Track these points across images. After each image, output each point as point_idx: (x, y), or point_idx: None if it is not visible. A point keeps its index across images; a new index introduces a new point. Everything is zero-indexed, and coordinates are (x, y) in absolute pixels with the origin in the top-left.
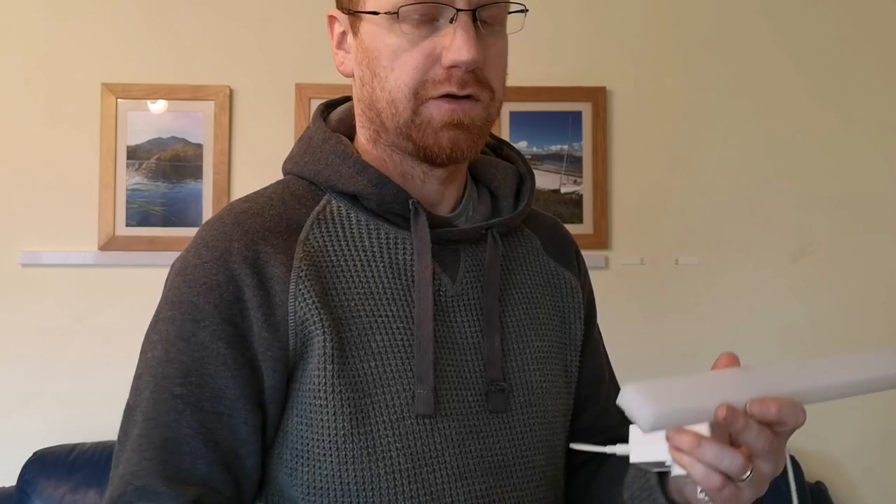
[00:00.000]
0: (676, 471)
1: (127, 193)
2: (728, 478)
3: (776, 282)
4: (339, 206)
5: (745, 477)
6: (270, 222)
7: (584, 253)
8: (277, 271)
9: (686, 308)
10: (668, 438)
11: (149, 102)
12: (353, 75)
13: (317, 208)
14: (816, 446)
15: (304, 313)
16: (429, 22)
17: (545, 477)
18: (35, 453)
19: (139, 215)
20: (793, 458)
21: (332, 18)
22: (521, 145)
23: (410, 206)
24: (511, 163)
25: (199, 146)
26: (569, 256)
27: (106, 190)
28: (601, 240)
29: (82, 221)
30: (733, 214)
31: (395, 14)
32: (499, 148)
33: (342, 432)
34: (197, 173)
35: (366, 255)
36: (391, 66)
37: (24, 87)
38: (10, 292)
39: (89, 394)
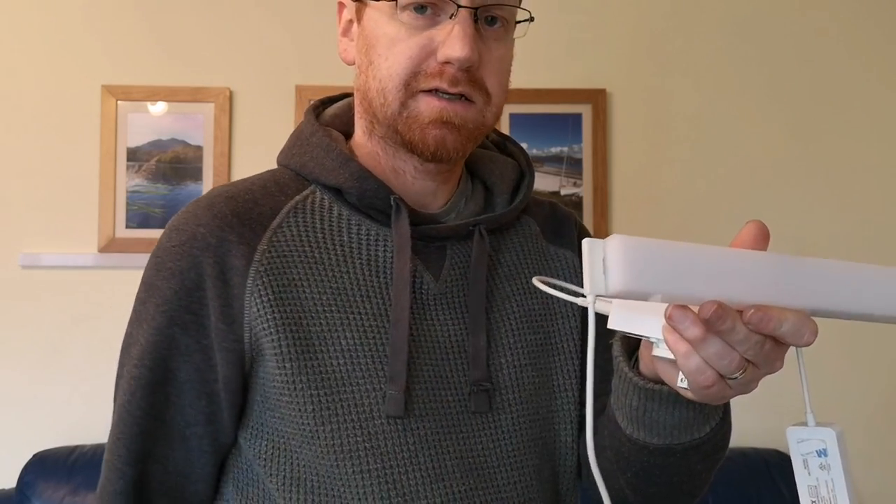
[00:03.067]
0: (661, 352)
1: (127, 195)
2: (719, 375)
3: None
4: (322, 198)
5: (736, 376)
6: (242, 207)
7: None
8: (238, 263)
9: None
10: (667, 318)
11: (149, 104)
12: (354, 63)
13: (297, 197)
14: None
15: (258, 310)
16: (430, 15)
17: (538, 477)
18: (35, 455)
19: (139, 217)
20: (787, 456)
21: (341, 5)
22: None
23: (392, 202)
24: (514, 159)
25: (199, 148)
26: (569, 236)
27: (106, 192)
28: None
29: (82, 223)
30: (733, 216)
31: (394, 1)
32: (502, 144)
33: (308, 428)
34: (197, 175)
35: (343, 250)
36: (386, 54)
37: (25, 88)
38: (10, 294)
39: (89, 396)
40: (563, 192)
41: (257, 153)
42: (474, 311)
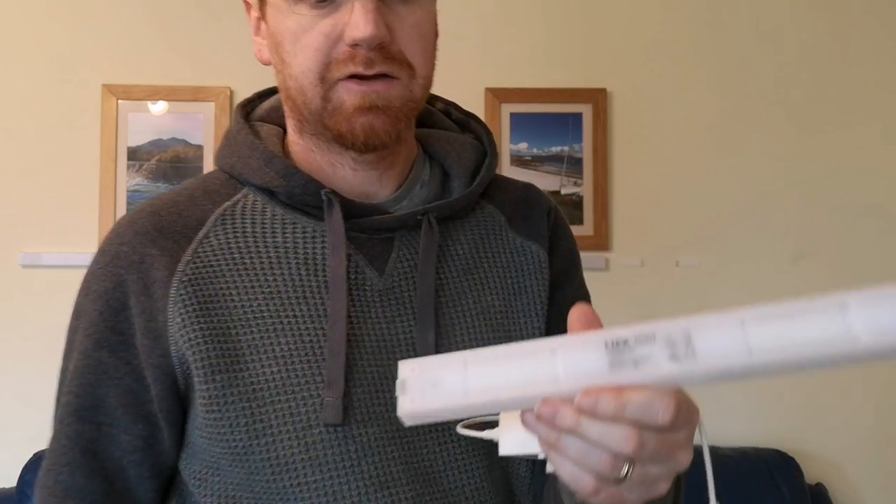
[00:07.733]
0: (550, 467)
1: (127, 195)
2: (601, 478)
3: (777, 283)
4: (255, 201)
5: (621, 477)
6: (165, 221)
7: (583, 255)
8: (160, 275)
9: (686, 310)
10: (524, 423)
11: (149, 104)
12: (270, 63)
13: (226, 203)
14: (817, 448)
15: (182, 321)
16: (328, 1)
17: (490, 479)
18: (35, 455)
19: None
20: (787, 456)
21: (247, 4)
22: (522, 147)
23: (323, 197)
24: (478, 138)
25: (200, 147)
26: (538, 226)
27: (106, 191)
28: (601, 241)
29: (83, 222)
30: (734, 216)
31: None
32: (466, 122)
33: (241, 445)
34: (197, 174)
35: (276, 252)
36: (293, 50)
37: (25, 88)
38: (10, 293)
39: None
40: (563, 191)
41: None
42: (422, 308)
